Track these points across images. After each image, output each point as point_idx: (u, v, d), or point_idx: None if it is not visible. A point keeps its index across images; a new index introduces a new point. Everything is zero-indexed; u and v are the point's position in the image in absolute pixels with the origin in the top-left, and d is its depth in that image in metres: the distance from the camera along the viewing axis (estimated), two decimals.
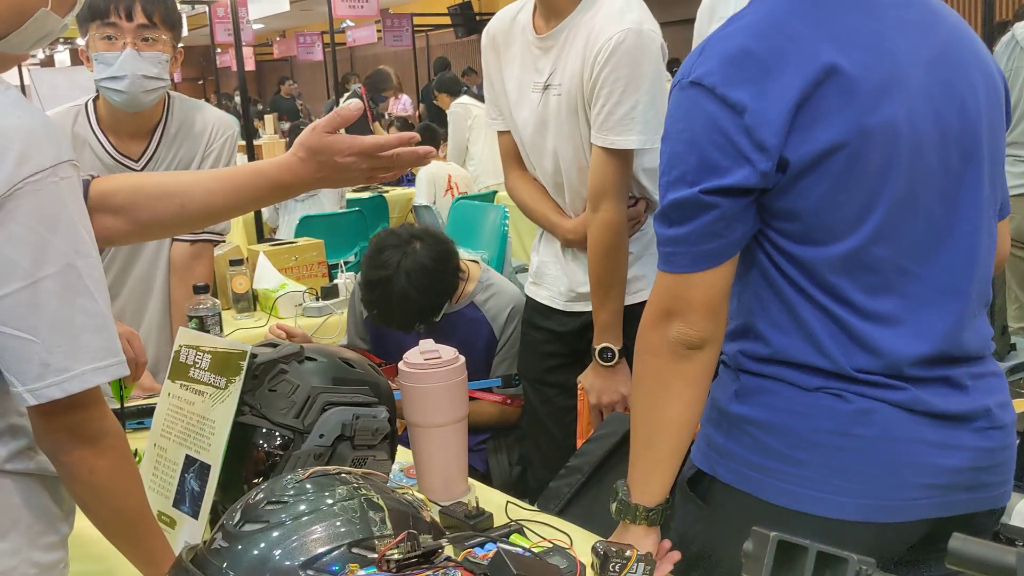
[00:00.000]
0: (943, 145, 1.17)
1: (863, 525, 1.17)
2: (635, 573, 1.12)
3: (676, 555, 1.25)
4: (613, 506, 1.26)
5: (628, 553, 1.13)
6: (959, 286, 1.21)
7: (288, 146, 5.54)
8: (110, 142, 2.17)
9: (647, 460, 1.22)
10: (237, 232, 5.15)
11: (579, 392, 2.03)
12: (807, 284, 1.18)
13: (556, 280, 2.08)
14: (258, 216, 5.09)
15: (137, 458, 1.52)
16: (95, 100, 2.20)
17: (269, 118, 12.20)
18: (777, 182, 1.14)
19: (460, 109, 6.30)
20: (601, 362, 1.94)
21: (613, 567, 1.14)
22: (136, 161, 2.18)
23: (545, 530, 1.39)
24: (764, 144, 1.11)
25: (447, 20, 13.15)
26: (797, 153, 1.13)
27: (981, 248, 1.22)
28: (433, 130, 6.41)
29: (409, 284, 2.16)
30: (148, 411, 1.86)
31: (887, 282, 1.17)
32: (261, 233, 5.01)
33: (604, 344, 1.93)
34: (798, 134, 1.12)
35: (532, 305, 2.16)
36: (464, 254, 2.43)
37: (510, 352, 2.30)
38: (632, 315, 1.82)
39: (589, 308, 1.98)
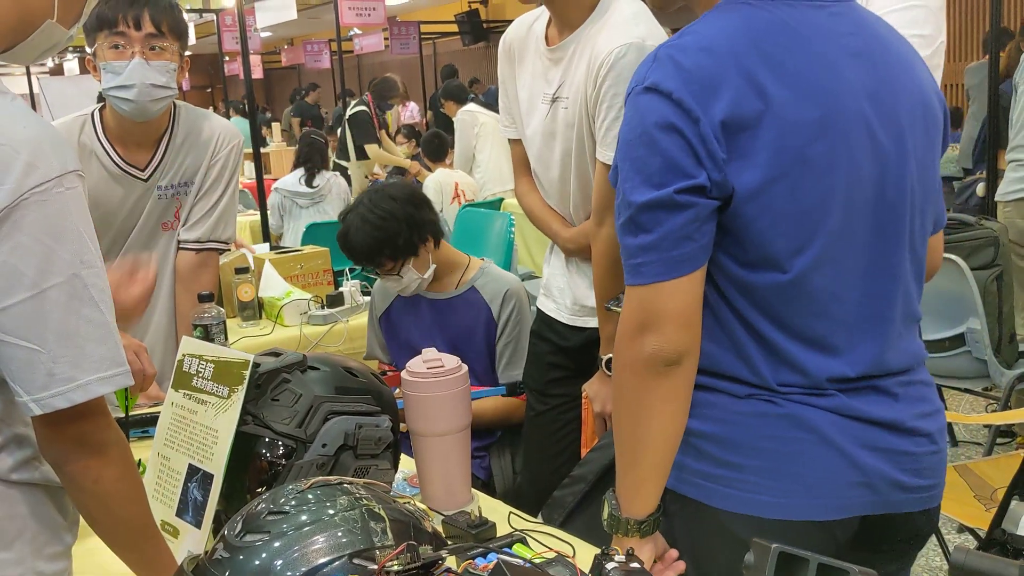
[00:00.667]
0: (880, 177, 1.19)
1: (803, 524, 1.20)
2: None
3: (681, 565, 1.25)
4: (604, 519, 1.25)
5: (617, 557, 1.12)
6: (885, 312, 1.23)
7: (298, 154, 5.51)
8: (116, 152, 2.18)
9: (633, 476, 1.22)
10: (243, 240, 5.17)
11: (583, 401, 2.03)
12: (744, 305, 1.20)
13: (562, 293, 2.09)
14: (264, 223, 5.11)
15: (141, 468, 1.52)
16: (102, 110, 2.21)
17: (276, 125, 12.22)
18: (728, 201, 1.15)
19: (467, 116, 6.30)
20: (608, 372, 1.94)
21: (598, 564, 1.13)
22: (142, 171, 2.19)
23: (548, 540, 1.39)
24: (715, 155, 1.12)
25: (454, 28, 13.19)
26: (740, 180, 1.14)
27: (907, 274, 1.25)
28: (442, 137, 6.43)
29: (369, 211, 2.25)
30: (152, 420, 1.86)
31: (821, 309, 1.20)
32: (267, 240, 5.03)
33: (611, 355, 1.93)
34: (740, 161, 1.13)
35: (540, 317, 2.17)
36: None
37: (512, 335, 2.32)
38: None
39: (594, 323, 1.98)
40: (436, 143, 6.33)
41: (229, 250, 2.56)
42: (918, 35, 1.58)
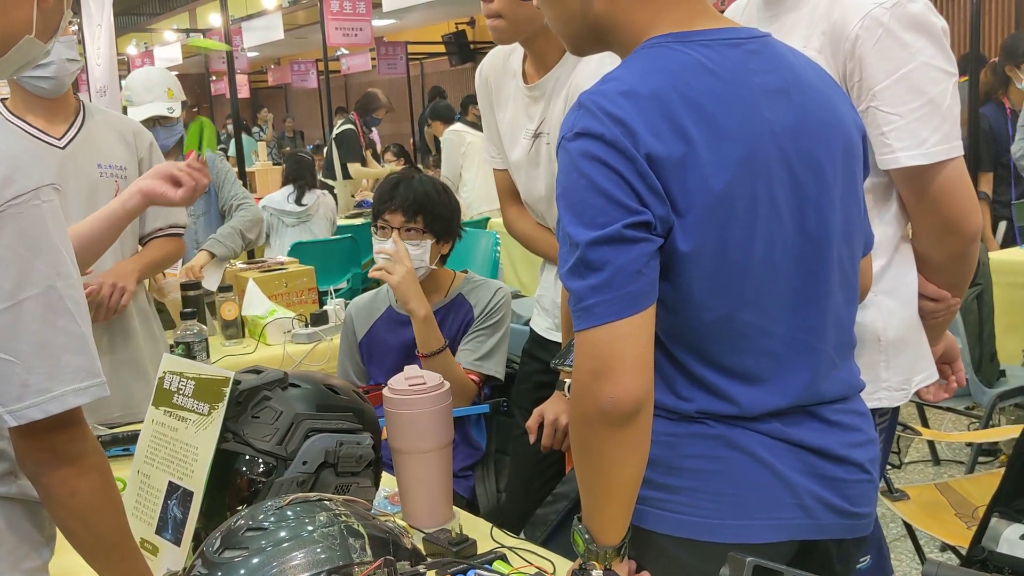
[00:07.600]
0: (801, 213, 1.19)
1: (739, 548, 1.15)
2: None
3: (645, 574, 1.25)
4: (580, 552, 1.22)
5: (595, 572, 1.13)
6: (815, 344, 1.23)
7: (286, 173, 5.55)
8: (28, 123, 2.25)
9: (602, 515, 1.19)
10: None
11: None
12: (670, 343, 1.20)
13: (548, 312, 2.10)
14: None
15: (121, 487, 1.51)
16: (3, 101, 2.29)
17: (261, 145, 12.11)
18: (665, 237, 1.14)
19: (453, 136, 6.32)
20: (566, 394, 1.95)
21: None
22: (59, 139, 2.27)
23: (529, 558, 1.39)
24: (656, 189, 1.12)
25: (441, 48, 13.25)
26: (667, 225, 1.13)
27: (836, 304, 1.25)
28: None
29: (431, 180, 2.32)
30: (132, 438, 1.86)
31: (749, 343, 1.19)
32: (251, 252, 5.01)
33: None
34: (667, 204, 1.13)
35: (532, 337, 2.18)
36: None
37: (486, 324, 2.30)
38: None
39: None
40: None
41: (180, 235, 2.58)
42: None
